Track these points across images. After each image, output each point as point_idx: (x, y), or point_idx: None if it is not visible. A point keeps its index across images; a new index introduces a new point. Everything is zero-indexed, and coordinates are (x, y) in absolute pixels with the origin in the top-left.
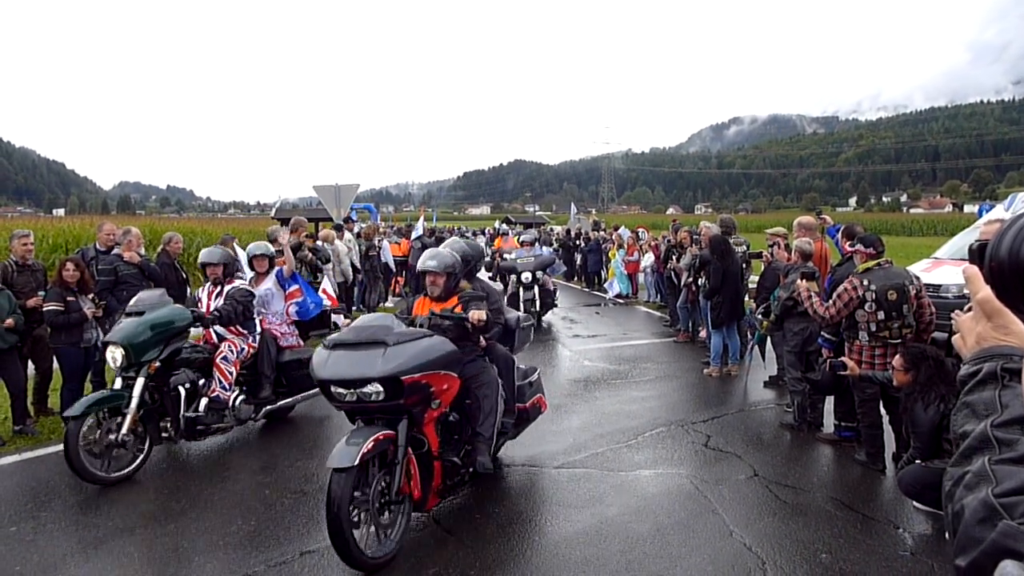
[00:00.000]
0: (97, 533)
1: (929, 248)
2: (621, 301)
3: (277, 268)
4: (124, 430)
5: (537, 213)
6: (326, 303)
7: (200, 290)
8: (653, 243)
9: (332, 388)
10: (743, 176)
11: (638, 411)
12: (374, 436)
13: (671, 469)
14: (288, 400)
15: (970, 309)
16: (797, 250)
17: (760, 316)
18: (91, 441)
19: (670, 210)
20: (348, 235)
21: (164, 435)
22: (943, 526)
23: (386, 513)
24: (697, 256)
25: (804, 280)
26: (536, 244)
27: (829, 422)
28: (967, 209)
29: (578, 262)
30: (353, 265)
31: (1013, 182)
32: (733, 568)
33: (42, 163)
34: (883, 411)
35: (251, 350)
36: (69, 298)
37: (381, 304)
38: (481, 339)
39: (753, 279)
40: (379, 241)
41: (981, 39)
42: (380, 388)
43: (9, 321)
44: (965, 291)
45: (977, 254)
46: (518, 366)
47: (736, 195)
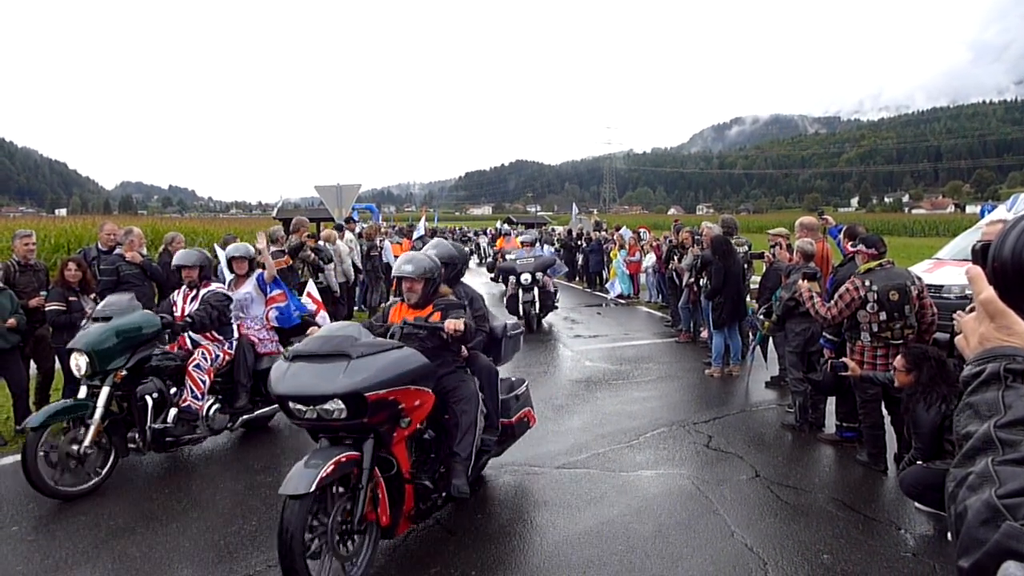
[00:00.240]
0: (99, 533)
1: (931, 249)
2: (622, 301)
3: (258, 272)
4: (87, 442)
5: (539, 213)
6: (311, 307)
7: (175, 293)
8: (655, 243)
9: (290, 404)
10: (745, 176)
11: (639, 411)
12: (335, 458)
13: (672, 469)
14: (266, 409)
15: (973, 310)
16: (799, 250)
17: (762, 316)
18: (52, 453)
19: (672, 210)
20: (349, 235)
21: (132, 446)
22: (945, 527)
23: (349, 543)
24: (699, 256)
25: (806, 280)
26: (536, 244)
27: (831, 423)
28: (969, 210)
29: (580, 262)
30: (355, 265)
31: (1015, 182)
32: (734, 569)
33: (44, 163)
34: (885, 412)
35: (227, 357)
36: (71, 298)
37: (382, 305)
38: (463, 349)
39: (755, 279)
40: (381, 241)
41: (982, 39)
42: (342, 405)
43: (11, 321)
44: (967, 292)
45: (980, 255)
46: (504, 378)
47: (738, 195)
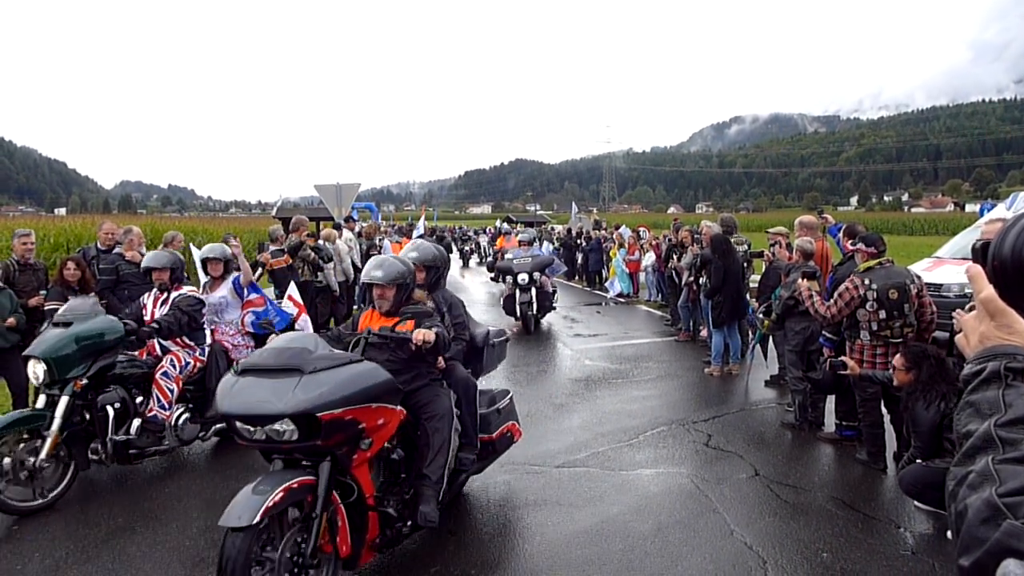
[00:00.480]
0: (99, 532)
1: (930, 247)
2: (622, 300)
3: (234, 275)
4: (43, 455)
5: (538, 212)
6: (293, 311)
7: (145, 296)
8: (654, 242)
9: (237, 424)
10: (744, 175)
11: (639, 410)
12: (286, 484)
13: (672, 468)
14: None
15: (973, 308)
16: (798, 249)
17: (761, 315)
18: (5, 465)
19: (671, 209)
20: (348, 234)
21: (94, 458)
22: (944, 525)
23: None
24: (698, 255)
25: (805, 279)
26: (535, 244)
27: (830, 421)
28: (968, 208)
29: (579, 261)
30: (354, 264)
31: (1015, 181)
32: (734, 567)
33: (43, 162)
34: (884, 410)
35: (199, 364)
36: (70, 297)
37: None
38: (440, 359)
39: (754, 278)
40: (380, 240)
41: (982, 38)
42: (292, 426)
43: (11, 320)
44: (966, 290)
45: (980, 253)
46: (486, 390)
47: (737, 194)
